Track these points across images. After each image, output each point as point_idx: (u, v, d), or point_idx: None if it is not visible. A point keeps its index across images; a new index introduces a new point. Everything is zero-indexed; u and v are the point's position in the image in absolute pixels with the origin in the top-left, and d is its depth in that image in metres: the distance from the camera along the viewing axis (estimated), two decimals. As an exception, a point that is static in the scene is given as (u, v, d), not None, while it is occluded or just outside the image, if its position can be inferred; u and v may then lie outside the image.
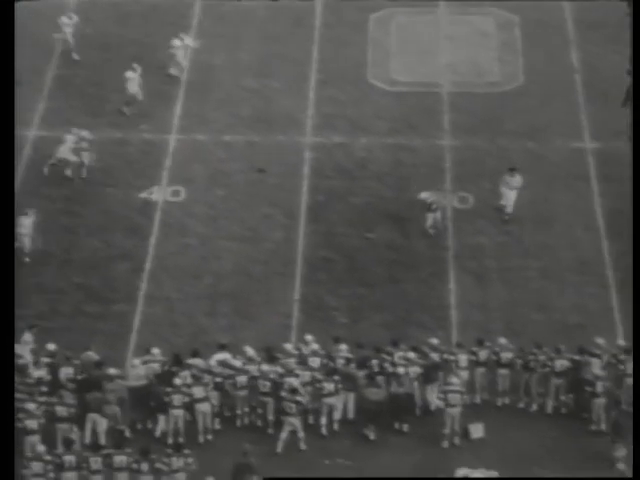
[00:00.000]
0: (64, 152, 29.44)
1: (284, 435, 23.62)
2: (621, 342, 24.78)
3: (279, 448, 23.68)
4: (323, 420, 23.95)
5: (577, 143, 30.79)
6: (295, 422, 23.56)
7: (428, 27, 34.30)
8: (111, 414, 23.72)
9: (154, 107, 31.60)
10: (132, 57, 33.06)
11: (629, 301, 26.42)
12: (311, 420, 24.11)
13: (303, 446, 23.74)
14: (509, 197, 28.32)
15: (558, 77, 32.67)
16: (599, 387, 23.86)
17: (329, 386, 23.81)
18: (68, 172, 29.64)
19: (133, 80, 31.09)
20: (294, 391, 23.52)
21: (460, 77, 32.72)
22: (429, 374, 24.27)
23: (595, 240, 28.24)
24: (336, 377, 23.90)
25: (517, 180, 28.30)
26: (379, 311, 26.70)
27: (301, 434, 23.69)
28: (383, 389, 23.87)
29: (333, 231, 28.56)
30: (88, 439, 23.79)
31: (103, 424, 23.79)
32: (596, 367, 24.19)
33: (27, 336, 24.91)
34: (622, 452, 23.34)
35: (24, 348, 24.59)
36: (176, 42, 32.45)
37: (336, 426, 23.96)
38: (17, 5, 28.42)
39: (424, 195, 27.95)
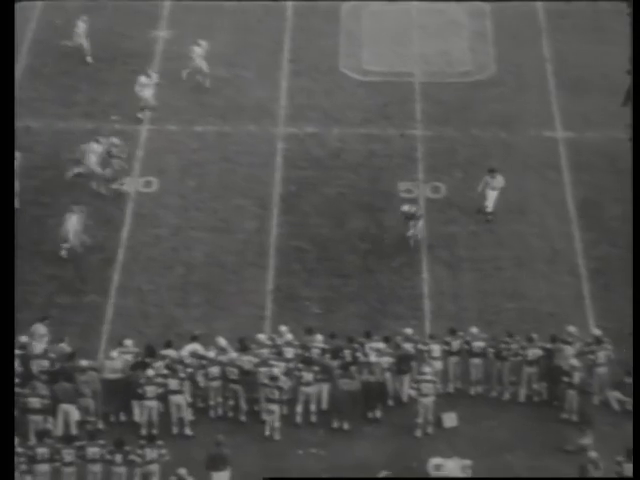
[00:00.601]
0: (92, 163, 28.65)
1: (269, 419, 23.72)
2: (596, 331, 24.86)
3: (267, 432, 23.79)
4: (299, 408, 23.98)
5: (549, 132, 30.91)
6: (276, 410, 23.60)
7: (400, 17, 34.30)
8: (84, 406, 23.60)
9: (125, 97, 31.38)
10: (102, 46, 32.88)
11: (600, 289, 26.93)
12: (285, 411, 24.10)
13: (277, 436, 23.75)
14: (491, 197, 28.27)
15: (530, 66, 32.80)
16: (575, 378, 23.87)
17: (308, 375, 23.84)
18: (93, 185, 28.78)
19: (146, 86, 30.35)
20: (274, 378, 23.56)
21: (432, 67, 32.78)
22: (401, 365, 24.31)
23: (566, 229, 28.36)
24: (316, 367, 23.90)
25: (498, 180, 28.22)
26: (352, 301, 26.76)
27: (277, 424, 23.71)
28: (357, 380, 23.90)
29: (306, 222, 28.55)
30: (60, 430, 23.70)
31: (75, 415, 23.69)
32: (569, 355, 24.23)
33: (41, 328, 24.79)
34: (588, 440, 23.46)
35: (41, 341, 24.49)
36: (196, 49, 31.58)
37: (314, 417, 23.97)
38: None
39: (406, 208, 27.72)
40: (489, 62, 32.99)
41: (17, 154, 28.18)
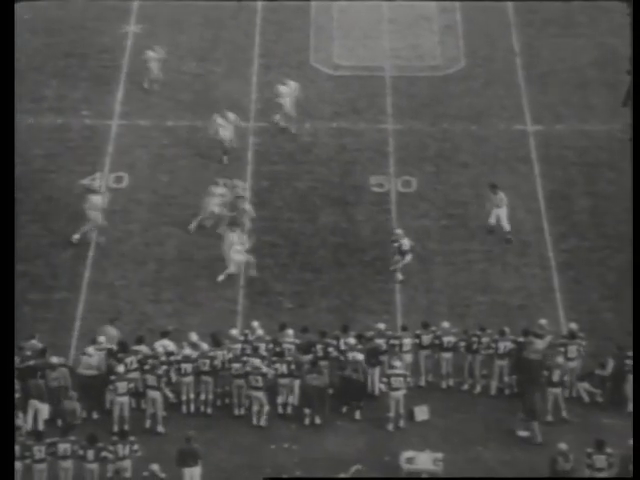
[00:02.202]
0: (212, 206, 27.61)
1: (255, 408, 23.75)
2: (572, 325, 24.81)
3: (254, 421, 23.75)
4: (279, 399, 23.93)
5: (519, 126, 30.95)
6: (261, 396, 23.62)
7: (370, 11, 34.28)
8: (70, 409, 23.40)
9: (95, 92, 31.37)
10: (73, 42, 32.75)
11: (569, 282, 27.00)
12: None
13: (264, 422, 23.69)
14: (499, 215, 27.63)
15: (499, 60, 32.87)
16: (555, 376, 23.79)
17: (282, 367, 23.81)
18: (220, 230, 27.50)
19: (224, 127, 29.20)
20: (257, 367, 23.63)
21: (402, 61, 32.79)
22: (370, 358, 24.29)
23: (537, 222, 28.38)
24: (289, 358, 23.90)
25: (500, 197, 27.66)
26: (324, 296, 26.73)
27: (266, 407, 23.72)
28: (325, 375, 23.88)
29: (278, 216, 28.51)
30: (30, 426, 23.60)
31: (45, 412, 23.60)
32: (540, 348, 24.21)
33: (110, 330, 24.61)
34: (525, 434, 23.54)
35: (112, 342, 24.31)
36: (282, 89, 30.18)
37: (289, 409, 24.00)
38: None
39: (400, 231, 27.05)
40: (459, 56, 33.03)
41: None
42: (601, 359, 24.34)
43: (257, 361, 23.70)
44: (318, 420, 23.93)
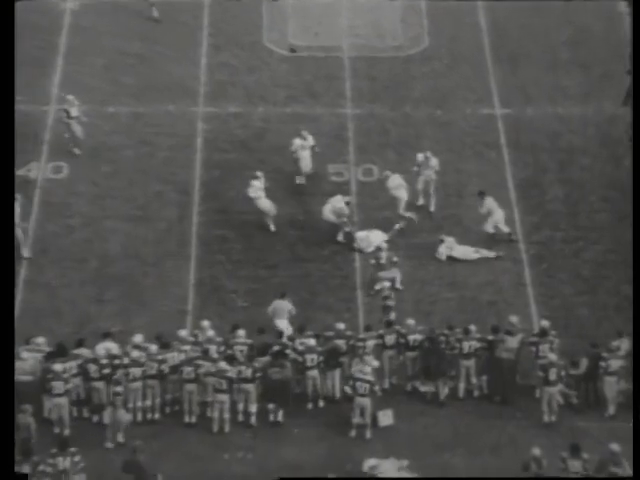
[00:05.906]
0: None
1: (216, 414, 23.26)
2: (543, 323, 24.37)
3: (215, 428, 23.19)
4: (240, 406, 23.42)
5: (487, 109, 30.71)
6: (225, 399, 23.07)
7: (328, -14, 34.53)
8: (24, 425, 22.24)
9: (30, 75, 30.36)
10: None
11: (542, 276, 26.74)
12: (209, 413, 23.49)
13: (228, 428, 23.12)
14: (493, 219, 26.89)
15: (465, 39, 32.57)
16: (552, 374, 23.22)
17: (247, 371, 23.27)
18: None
19: (303, 147, 27.86)
20: (222, 370, 23.11)
21: (362, 40, 32.46)
22: (329, 360, 23.69)
23: (507, 212, 27.86)
24: (256, 364, 23.35)
25: (486, 204, 26.69)
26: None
27: (226, 415, 23.18)
28: (287, 369, 23.36)
29: (230, 208, 28.01)
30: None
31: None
32: (512, 347, 23.68)
33: (285, 304, 24.61)
34: (428, 388, 23.61)
35: (284, 317, 24.49)
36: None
37: (252, 418, 23.44)
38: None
39: (387, 284, 25.89)
40: (422, 35, 32.70)
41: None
42: (575, 357, 23.86)
43: (223, 363, 23.16)
44: (280, 417, 23.25)
